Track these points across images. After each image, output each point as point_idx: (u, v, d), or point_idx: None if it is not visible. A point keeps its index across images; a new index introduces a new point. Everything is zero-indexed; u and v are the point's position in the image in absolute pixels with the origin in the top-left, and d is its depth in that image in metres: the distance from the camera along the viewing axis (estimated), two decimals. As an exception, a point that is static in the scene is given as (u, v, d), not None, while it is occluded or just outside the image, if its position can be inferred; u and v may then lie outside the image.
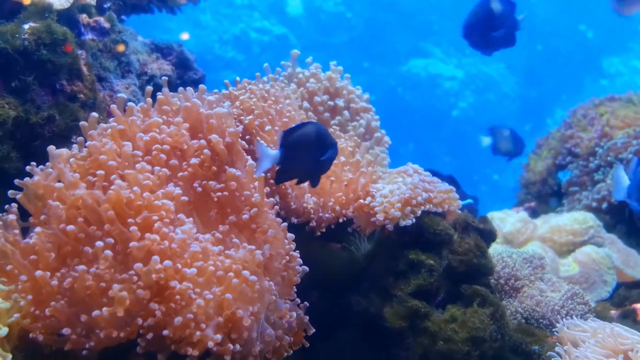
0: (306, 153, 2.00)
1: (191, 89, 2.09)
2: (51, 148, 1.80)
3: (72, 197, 1.68)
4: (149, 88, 2.10)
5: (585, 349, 1.84)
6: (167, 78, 2.18)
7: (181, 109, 2.01)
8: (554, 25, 14.62)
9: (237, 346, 1.66)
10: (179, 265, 1.64)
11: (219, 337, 1.61)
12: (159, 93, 2.04)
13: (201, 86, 2.12)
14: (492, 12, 2.54)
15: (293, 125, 2.14)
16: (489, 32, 2.42)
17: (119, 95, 2.08)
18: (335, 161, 2.32)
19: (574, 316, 2.35)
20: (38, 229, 1.67)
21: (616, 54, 14.78)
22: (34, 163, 1.79)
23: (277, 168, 2.02)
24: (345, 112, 2.63)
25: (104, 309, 1.56)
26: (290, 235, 1.95)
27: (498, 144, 5.31)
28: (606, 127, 4.01)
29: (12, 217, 1.72)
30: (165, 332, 1.58)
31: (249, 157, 2.05)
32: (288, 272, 1.92)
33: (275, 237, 1.90)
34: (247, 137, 2.24)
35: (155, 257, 1.60)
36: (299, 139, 1.99)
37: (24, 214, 1.77)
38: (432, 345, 2.10)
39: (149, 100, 2.02)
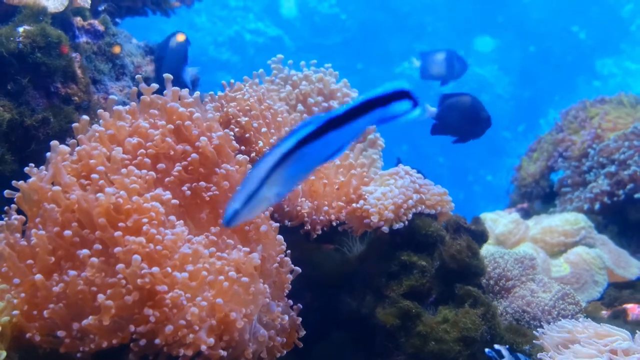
0: (460, 116, 2.40)
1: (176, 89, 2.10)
2: (54, 143, 1.81)
3: (68, 200, 1.69)
4: (134, 89, 2.11)
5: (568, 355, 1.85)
6: (140, 76, 2.20)
7: (164, 112, 2.03)
8: (546, 26, 14.66)
9: (229, 348, 1.68)
10: (169, 269, 1.65)
11: (211, 340, 1.62)
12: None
13: (174, 89, 2.09)
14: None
15: (451, 92, 2.55)
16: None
17: (110, 96, 2.09)
18: (328, 164, 2.34)
19: (560, 318, 2.38)
20: (34, 231, 1.68)
21: (609, 55, 14.83)
22: (32, 164, 1.79)
23: (433, 123, 2.42)
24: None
25: (91, 317, 1.57)
26: (280, 237, 1.97)
27: (428, 68, 5.00)
28: (598, 129, 4.04)
29: (16, 221, 1.73)
30: (157, 341, 1.59)
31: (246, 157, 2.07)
32: (280, 277, 1.93)
33: (267, 235, 1.91)
34: (246, 136, 2.27)
35: (136, 257, 1.60)
36: (454, 103, 2.40)
37: (21, 215, 1.78)
38: (424, 345, 2.12)
39: (134, 104, 2.03)
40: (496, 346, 1.98)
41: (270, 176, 1.10)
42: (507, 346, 1.99)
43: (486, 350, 2.00)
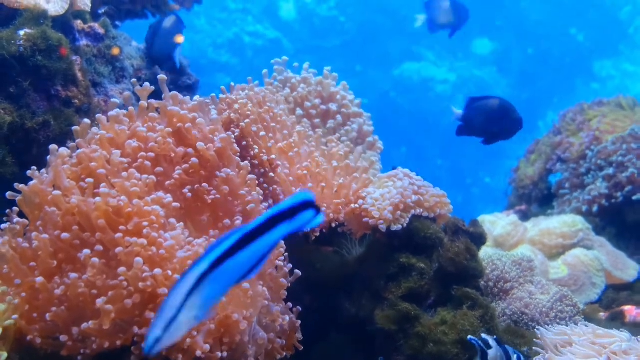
0: (487, 119, 2.54)
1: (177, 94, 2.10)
2: (53, 147, 1.82)
3: (68, 204, 1.70)
4: (127, 94, 2.12)
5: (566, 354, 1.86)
6: (135, 79, 2.20)
7: (165, 116, 2.03)
8: (545, 28, 14.66)
9: (229, 351, 1.69)
10: (169, 272, 1.65)
11: (207, 346, 1.63)
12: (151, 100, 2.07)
13: (173, 93, 2.09)
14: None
15: (480, 95, 2.66)
16: None
17: (112, 100, 2.10)
18: (326, 167, 2.35)
19: (558, 320, 2.38)
20: (35, 234, 1.69)
21: (607, 58, 14.83)
22: (34, 167, 1.80)
23: (459, 124, 2.59)
24: (339, 117, 2.66)
25: (90, 322, 1.58)
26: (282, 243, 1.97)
27: (435, 18, 4.68)
28: (596, 131, 4.06)
29: (18, 225, 1.74)
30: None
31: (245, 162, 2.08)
32: (278, 280, 1.93)
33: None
34: (244, 142, 2.27)
35: (138, 259, 1.61)
36: (482, 106, 2.54)
37: (21, 216, 1.79)
38: (423, 347, 2.13)
39: (131, 108, 2.04)
40: (483, 335, 1.98)
41: (186, 302, 1.13)
42: (495, 337, 1.99)
43: (469, 337, 2.00)
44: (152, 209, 1.74)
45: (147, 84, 2.06)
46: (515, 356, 1.97)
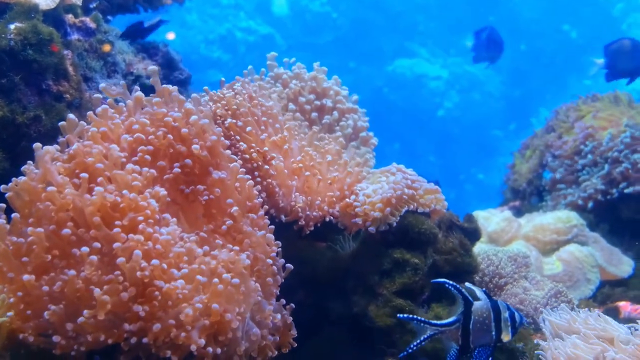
0: (629, 57, 2.80)
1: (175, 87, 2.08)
2: (37, 145, 1.79)
3: (63, 200, 1.68)
4: (110, 101, 2.10)
5: (566, 342, 1.85)
6: (103, 86, 2.19)
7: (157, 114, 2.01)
8: (537, 25, 14.70)
9: (223, 347, 1.68)
10: (165, 266, 1.64)
11: (202, 341, 1.61)
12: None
13: (170, 88, 2.08)
14: None
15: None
16: None
17: (95, 96, 2.07)
18: (320, 160, 2.34)
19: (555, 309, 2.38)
20: (31, 229, 1.66)
21: (600, 54, 14.87)
22: (30, 162, 1.77)
23: (605, 72, 2.83)
24: (335, 113, 2.64)
25: (86, 311, 1.56)
26: (272, 237, 1.96)
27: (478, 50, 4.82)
28: (590, 127, 4.05)
29: (8, 225, 1.71)
30: (144, 340, 1.59)
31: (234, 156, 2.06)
32: (268, 279, 1.92)
33: (258, 238, 1.91)
34: (229, 141, 2.25)
35: (137, 252, 1.59)
36: (618, 48, 2.86)
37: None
38: (418, 343, 2.12)
39: (130, 102, 2.02)
40: (468, 284, 1.93)
41: None
42: (484, 289, 1.95)
43: (444, 280, 1.93)
44: (148, 203, 1.73)
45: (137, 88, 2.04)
46: (507, 313, 1.89)
